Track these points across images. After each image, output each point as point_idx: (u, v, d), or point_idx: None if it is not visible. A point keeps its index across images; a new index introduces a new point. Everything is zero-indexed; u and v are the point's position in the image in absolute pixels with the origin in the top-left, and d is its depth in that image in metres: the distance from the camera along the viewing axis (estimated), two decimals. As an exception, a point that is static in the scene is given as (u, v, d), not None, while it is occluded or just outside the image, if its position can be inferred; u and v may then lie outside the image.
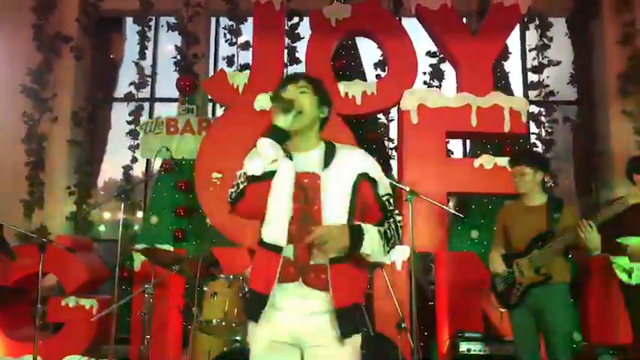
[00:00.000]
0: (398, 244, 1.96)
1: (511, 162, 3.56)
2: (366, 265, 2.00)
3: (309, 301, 1.89)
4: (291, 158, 1.97)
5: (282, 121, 1.91)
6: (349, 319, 1.88)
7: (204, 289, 3.78)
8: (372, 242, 1.85)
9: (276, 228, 1.91)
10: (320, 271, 1.88)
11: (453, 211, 4.68)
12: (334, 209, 1.90)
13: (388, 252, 1.92)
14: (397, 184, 4.52)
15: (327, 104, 2.08)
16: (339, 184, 1.93)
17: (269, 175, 1.91)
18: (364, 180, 1.96)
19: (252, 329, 1.97)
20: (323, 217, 1.89)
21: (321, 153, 2.00)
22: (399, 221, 1.98)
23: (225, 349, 3.79)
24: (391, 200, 2.01)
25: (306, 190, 1.91)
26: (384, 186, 2.02)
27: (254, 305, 1.93)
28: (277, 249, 1.89)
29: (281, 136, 1.91)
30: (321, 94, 2.04)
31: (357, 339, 1.95)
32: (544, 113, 6.49)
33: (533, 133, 6.50)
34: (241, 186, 1.91)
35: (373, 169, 2.01)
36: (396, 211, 2.00)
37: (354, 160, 1.99)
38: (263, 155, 1.90)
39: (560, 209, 3.32)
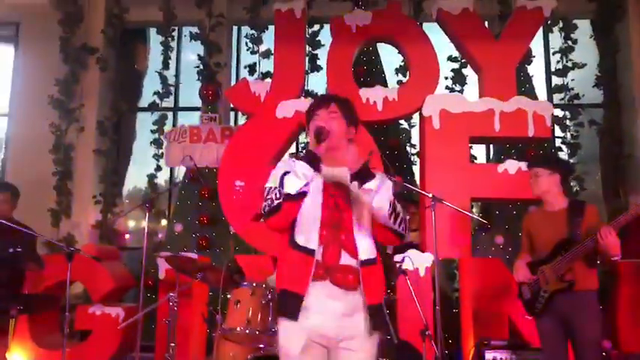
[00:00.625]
0: (402, 234, 2.15)
1: (527, 165, 3.53)
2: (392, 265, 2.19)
3: (335, 302, 2.04)
4: (320, 171, 2.15)
5: (316, 147, 2.12)
6: (378, 316, 2.08)
7: (228, 296, 3.80)
8: (378, 185, 2.05)
9: (308, 233, 2.08)
10: (347, 271, 2.06)
11: (477, 217, 4.62)
12: (362, 215, 2.12)
13: (394, 222, 2.10)
14: (420, 191, 4.50)
15: (355, 124, 2.30)
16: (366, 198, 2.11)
17: (303, 195, 2.08)
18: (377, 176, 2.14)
19: (287, 328, 2.08)
20: (355, 225, 2.12)
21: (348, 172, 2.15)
22: (406, 220, 2.19)
23: (248, 356, 3.80)
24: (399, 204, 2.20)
25: (336, 199, 2.13)
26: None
27: (291, 304, 2.05)
28: (310, 252, 2.06)
29: (315, 159, 2.10)
30: (349, 116, 2.26)
31: (376, 337, 2.12)
32: (569, 117, 6.40)
33: (558, 137, 6.41)
34: (276, 202, 2.07)
35: (387, 183, 2.20)
36: (404, 212, 2.20)
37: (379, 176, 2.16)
38: (300, 176, 2.07)
39: (582, 212, 3.25)
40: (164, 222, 6.90)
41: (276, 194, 2.08)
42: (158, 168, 6.72)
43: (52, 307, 4.97)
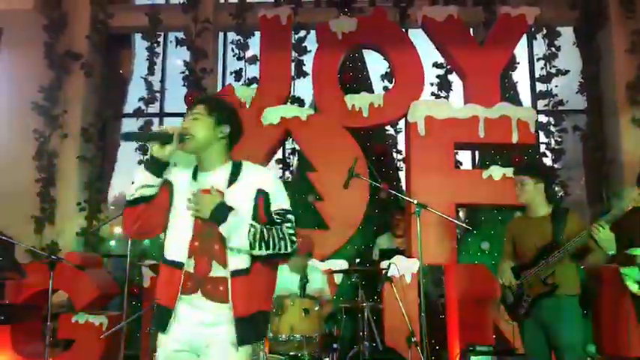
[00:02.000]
0: (283, 251, 2.02)
1: (514, 172, 3.57)
2: (273, 274, 2.15)
3: (206, 313, 2.02)
4: (195, 178, 2.12)
5: (155, 151, 2.06)
6: (248, 328, 2.02)
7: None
8: (234, 228, 1.97)
9: (177, 246, 2.06)
10: (219, 283, 2.01)
11: (462, 224, 4.64)
12: (237, 224, 2.01)
13: (264, 250, 1.99)
14: (405, 198, 4.51)
15: (227, 122, 2.16)
16: (241, 201, 2.05)
17: (142, 200, 2.06)
18: (260, 195, 2.08)
19: (159, 340, 2.10)
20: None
21: (227, 172, 2.12)
22: (291, 234, 2.05)
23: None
24: (287, 216, 2.09)
25: (203, 206, 2.02)
26: (279, 201, 2.11)
27: (161, 317, 2.07)
28: (179, 265, 2.04)
29: (156, 164, 2.06)
30: (217, 115, 2.13)
31: (249, 348, 2.05)
32: (553, 123, 6.45)
33: (542, 143, 6.46)
34: (120, 210, 2.11)
35: (270, 184, 2.12)
36: (288, 225, 2.07)
37: (255, 177, 2.11)
38: (135, 181, 2.07)
39: (564, 218, 3.28)
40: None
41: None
42: (144, 174, 6.66)
43: (34, 316, 4.90)
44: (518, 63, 6.51)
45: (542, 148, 6.43)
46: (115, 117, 7.30)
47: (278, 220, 2.07)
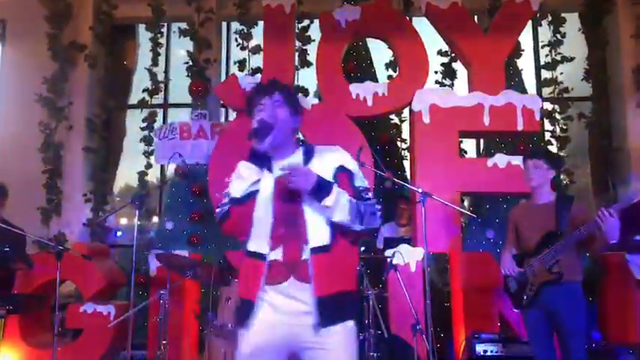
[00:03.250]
0: (372, 226, 2.00)
1: (528, 155, 3.50)
2: (356, 252, 2.10)
3: (299, 302, 1.92)
4: (271, 170, 2.04)
5: (259, 145, 1.99)
6: (331, 308, 1.91)
7: (219, 294, 3.80)
8: (336, 199, 1.90)
9: (259, 237, 1.98)
10: (306, 265, 1.93)
11: (467, 212, 4.64)
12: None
13: (359, 224, 1.95)
14: (410, 186, 4.51)
15: (300, 114, 2.15)
16: (321, 174, 1.97)
17: (251, 195, 1.99)
18: (342, 172, 2.03)
19: (242, 337, 1.98)
20: (306, 216, 1.96)
21: (298, 156, 2.08)
22: (377, 209, 2.04)
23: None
24: (368, 193, 2.06)
25: (284, 193, 1.98)
26: (361, 179, 2.09)
27: (242, 312, 1.99)
28: (261, 257, 1.96)
29: (261, 157, 2.00)
30: (294, 105, 2.11)
31: (346, 329, 1.94)
32: (558, 110, 6.42)
33: (547, 131, 6.44)
34: (226, 208, 2.00)
35: (350, 162, 2.09)
36: (373, 200, 2.05)
37: (331, 156, 2.07)
38: (243, 178, 1.99)
39: (569, 206, 3.27)
40: (155, 219, 6.88)
41: (226, 199, 2.02)
42: (148, 165, 6.70)
43: (43, 306, 4.96)
44: (523, 50, 6.46)
45: (548, 135, 6.41)
46: (119, 108, 7.33)
47: (366, 197, 2.03)
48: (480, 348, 4.16)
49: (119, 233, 7.45)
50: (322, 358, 1.91)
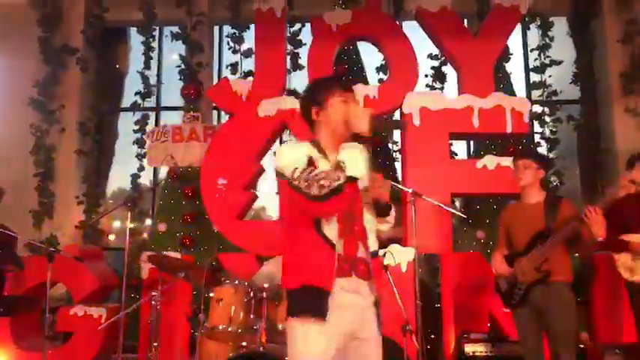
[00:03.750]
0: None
1: (518, 155, 3.55)
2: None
3: (359, 296, 1.98)
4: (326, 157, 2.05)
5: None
6: (379, 308, 2.05)
7: (211, 295, 3.81)
8: (394, 217, 2.11)
9: (331, 225, 1.96)
10: (365, 263, 2.01)
11: (457, 212, 4.68)
12: (369, 205, 2.08)
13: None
14: (400, 187, 4.55)
15: None
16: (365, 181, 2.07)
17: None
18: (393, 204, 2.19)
19: (310, 329, 1.89)
20: (365, 214, 2.07)
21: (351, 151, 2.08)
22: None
23: (231, 354, 3.82)
24: None
25: (348, 188, 1.93)
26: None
27: (317, 301, 1.88)
28: (333, 245, 1.95)
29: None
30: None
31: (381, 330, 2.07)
32: (547, 113, 6.49)
33: (537, 133, 6.51)
34: (335, 184, 1.81)
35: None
36: None
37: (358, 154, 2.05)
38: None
39: (557, 205, 3.32)
40: (148, 221, 6.89)
41: (331, 176, 1.82)
42: (141, 168, 6.71)
43: (33, 308, 4.94)
44: (512, 54, 6.55)
45: (537, 137, 6.48)
46: (111, 111, 7.34)
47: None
48: (469, 348, 4.19)
49: (111, 237, 7.45)
50: (367, 349, 2.00)
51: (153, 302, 4.07)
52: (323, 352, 1.87)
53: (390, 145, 6.60)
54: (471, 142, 6.62)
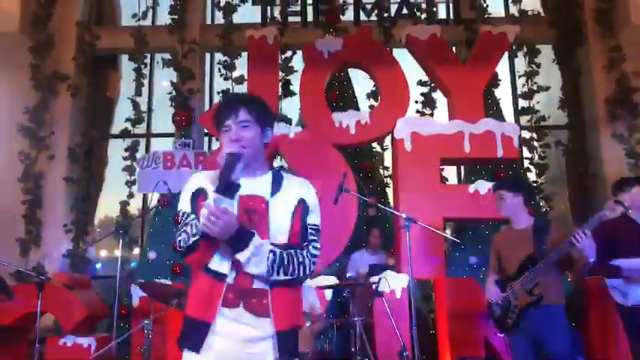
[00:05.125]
0: (301, 276, 1.89)
1: (493, 188, 3.67)
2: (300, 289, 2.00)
3: (249, 327, 1.84)
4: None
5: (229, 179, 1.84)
6: (289, 343, 1.87)
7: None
8: (254, 254, 1.81)
9: (221, 255, 1.85)
10: (262, 296, 1.85)
11: (450, 237, 4.69)
12: (279, 232, 1.89)
13: (283, 275, 1.85)
14: (394, 212, 4.55)
15: (270, 126, 2.01)
16: (284, 208, 1.92)
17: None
18: (301, 204, 1.95)
19: (186, 358, 1.86)
20: (270, 239, 1.88)
21: (268, 179, 1.97)
22: (313, 255, 1.93)
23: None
24: (315, 235, 1.97)
25: (250, 214, 1.88)
26: (315, 216, 1.99)
27: (195, 333, 1.84)
28: (221, 276, 1.85)
29: (233, 188, 1.84)
30: (262, 121, 1.96)
31: None
32: (536, 138, 6.58)
33: (526, 158, 6.58)
34: (192, 240, 1.79)
35: (311, 198, 2.00)
36: (315, 245, 1.95)
37: (298, 188, 1.98)
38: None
39: (546, 229, 3.35)
40: (137, 250, 6.80)
41: (192, 229, 1.80)
42: (130, 195, 6.65)
43: (21, 339, 4.83)
44: (501, 80, 6.66)
45: (526, 163, 6.55)
46: (101, 138, 7.31)
47: (311, 237, 1.94)
48: (466, 374, 4.15)
49: (98, 265, 7.34)
50: None
51: (145, 331, 4.00)
52: None
53: (380, 171, 6.63)
54: (462, 168, 6.67)
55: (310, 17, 7.18)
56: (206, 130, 6.46)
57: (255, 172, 1.95)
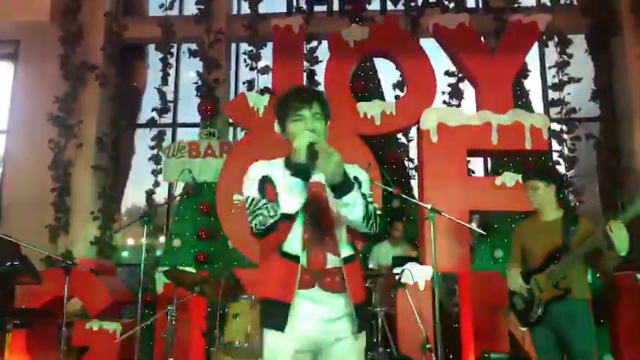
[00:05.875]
0: (377, 230, 2.02)
1: (523, 178, 3.52)
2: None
3: (326, 307, 1.98)
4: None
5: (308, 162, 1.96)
6: (363, 314, 2.03)
7: (227, 310, 3.77)
8: (356, 198, 1.93)
9: (292, 238, 1.99)
10: (335, 274, 1.99)
11: (476, 229, 4.61)
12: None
13: (366, 227, 1.98)
14: (418, 202, 4.50)
15: (329, 118, 2.17)
16: None
17: (300, 210, 1.96)
18: (356, 182, 2.05)
19: (274, 339, 1.98)
20: (334, 221, 2.02)
21: None
22: (378, 214, 2.06)
23: (247, 371, 3.76)
24: (374, 204, 2.08)
25: (314, 199, 2.01)
26: (368, 188, 2.15)
27: (277, 314, 1.96)
28: (295, 258, 1.98)
29: (307, 174, 1.96)
30: (327, 115, 2.13)
31: (364, 336, 2.07)
32: (566, 130, 6.42)
33: (555, 151, 6.43)
34: (271, 221, 1.92)
35: (362, 174, 2.16)
36: (376, 205, 2.10)
37: (349, 170, 2.05)
38: (293, 192, 1.94)
39: (575, 222, 3.24)
40: (162, 239, 6.88)
41: (269, 211, 1.93)
42: (156, 184, 6.72)
43: (49, 322, 4.93)
44: (530, 71, 6.50)
45: (555, 156, 6.40)
46: (129, 127, 7.39)
47: (370, 200, 2.08)
48: (490, 368, 4.09)
49: (125, 253, 7.45)
50: (342, 352, 2.01)
51: (168, 317, 4.04)
52: (283, 359, 1.96)
53: (405, 162, 6.56)
54: (488, 160, 6.55)
55: (336, 6, 7.11)
56: (231, 120, 6.46)
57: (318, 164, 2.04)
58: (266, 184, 2.04)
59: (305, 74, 6.21)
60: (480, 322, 4.65)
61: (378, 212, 2.07)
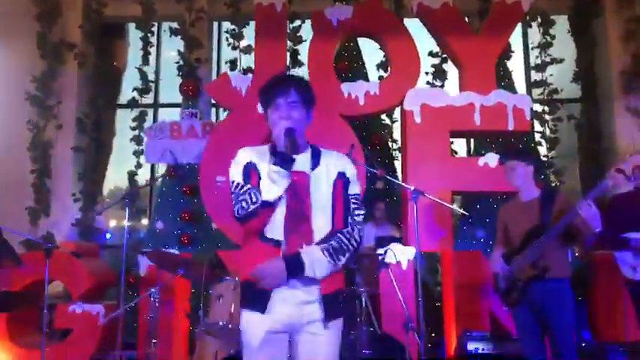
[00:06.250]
0: (354, 249, 2.11)
1: (502, 158, 3.56)
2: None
3: (300, 291, 2.04)
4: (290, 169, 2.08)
5: (287, 148, 1.99)
6: (334, 304, 2.08)
7: (210, 292, 3.78)
8: (314, 265, 2.01)
9: (274, 224, 2.04)
10: None
11: (458, 209, 4.65)
12: (321, 205, 2.08)
13: (343, 261, 2.07)
14: (401, 184, 4.52)
15: (313, 107, 2.18)
16: (324, 182, 2.11)
17: (281, 198, 2.02)
18: (340, 179, 2.14)
19: (250, 319, 2.06)
20: (312, 212, 2.07)
21: (308, 155, 2.14)
22: (358, 222, 2.13)
23: (231, 351, 3.78)
24: (357, 203, 2.16)
25: (295, 188, 2.05)
26: (355, 187, 2.17)
27: (258, 297, 2.03)
28: (277, 243, 2.04)
29: (289, 161, 1.99)
30: (308, 102, 2.14)
31: (339, 323, 2.12)
32: (548, 111, 6.47)
33: (537, 132, 6.47)
34: (252, 207, 1.99)
35: (349, 169, 2.17)
36: (358, 213, 2.14)
37: (335, 161, 2.16)
38: (274, 181, 1.98)
39: (553, 200, 3.28)
40: (145, 221, 6.83)
41: (251, 197, 2.00)
42: (138, 165, 6.65)
43: (31, 304, 4.90)
44: (513, 52, 6.52)
45: (537, 137, 6.45)
46: (109, 107, 7.27)
47: (354, 206, 2.13)
48: (471, 346, 4.16)
49: (108, 235, 7.39)
50: (314, 345, 2.07)
51: (152, 299, 4.03)
52: (261, 340, 2.02)
53: (389, 143, 6.57)
54: (471, 141, 6.59)
55: (320, -16, 7.02)
56: (213, 101, 6.39)
57: (299, 151, 2.10)
58: (251, 170, 2.08)
59: (288, 54, 6.14)
60: (461, 300, 4.71)
61: (359, 219, 2.12)
